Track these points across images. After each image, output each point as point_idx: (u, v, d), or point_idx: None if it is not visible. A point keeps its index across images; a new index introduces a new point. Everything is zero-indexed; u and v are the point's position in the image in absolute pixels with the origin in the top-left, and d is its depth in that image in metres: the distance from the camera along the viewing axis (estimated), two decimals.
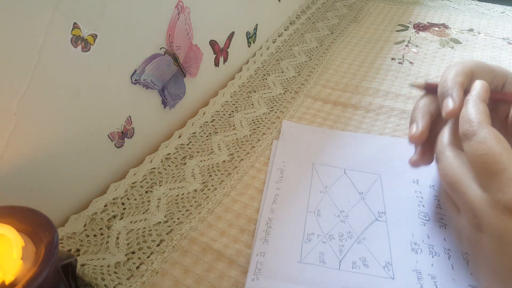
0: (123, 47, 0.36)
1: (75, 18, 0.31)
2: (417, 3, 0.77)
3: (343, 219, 0.35)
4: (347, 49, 0.63)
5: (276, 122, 0.48)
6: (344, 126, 0.47)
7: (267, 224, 0.35)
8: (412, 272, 0.31)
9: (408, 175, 0.39)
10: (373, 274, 0.31)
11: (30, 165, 0.31)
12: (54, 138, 0.33)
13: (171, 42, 0.42)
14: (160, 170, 0.42)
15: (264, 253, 0.33)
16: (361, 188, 0.38)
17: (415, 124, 0.32)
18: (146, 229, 0.35)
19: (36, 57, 0.28)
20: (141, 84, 0.40)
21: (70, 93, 0.33)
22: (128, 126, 0.41)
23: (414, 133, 0.31)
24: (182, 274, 0.32)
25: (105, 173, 0.40)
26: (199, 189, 0.40)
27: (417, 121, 0.32)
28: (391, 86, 0.53)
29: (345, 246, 0.33)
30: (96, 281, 0.31)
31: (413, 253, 0.32)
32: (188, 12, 0.43)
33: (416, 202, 0.37)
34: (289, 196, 0.38)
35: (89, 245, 0.34)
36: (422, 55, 0.60)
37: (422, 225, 0.34)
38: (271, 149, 0.44)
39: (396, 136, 0.45)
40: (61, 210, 0.36)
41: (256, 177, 0.41)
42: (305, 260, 0.32)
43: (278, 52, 0.63)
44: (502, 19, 0.69)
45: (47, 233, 0.24)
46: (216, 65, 0.53)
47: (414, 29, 0.67)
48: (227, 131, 0.47)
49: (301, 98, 0.52)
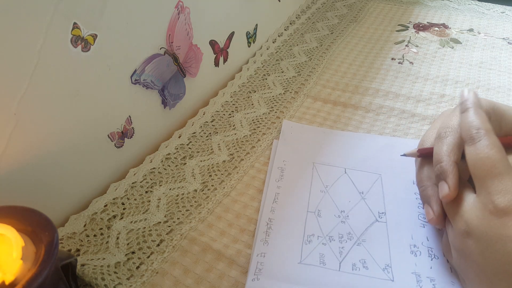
0: (123, 47, 0.36)
1: (75, 18, 0.31)
2: (417, 3, 0.77)
3: (343, 220, 0.35)
4: (347, 49, 0.63)
5: (276, 122, 0.48)
6: (344, 126, 0.47)
7: (267, 224, 0.35)
8: (411, 275, 0.31)
9: (408, 175, 0.39)
10: (372, 276, 0.31)
11: (30, 165, 0.31)
12: (54, 138, 0.33)
13: (171, 42, 0.42)
14: (160, 170, 0.42)
15: (264, 253, 0.33)
16: (361, 188, 0.38)
17: (430, 209, 0.31)
18: (146, 229, 0.35)
19: (36, 57, 0.28)
20: (141, 84, 0.40)
21: (70, 93, 0.33)
22: (128, 126, 0.41)
23: (432, 217, 0.30)
24: (182, 274, 0.32)
25: (105, 173, 0.40)
26: (199, 189, 0.40)
27: (430, 203, 0.31)
28: (391, 86, 0.53)
29: (345, 247, 0.33)
30: (96, 281, 0.31)
31: (412, 255, 0.32)
32: (188, 12, 0.43)
33: (415, 204, 0.37)
34: (289, 196, 0.38)
35: (89, 245, 0.34)
36: (422, 55, 0.60)
37: (422, 227, 0.34)
38: (271, 149, 0.44)
39: (396, 136, 0.45)
40: (61, 210, 0.36)
41: (256, 177, 0.41)
42: (305, 261, 0.32)
43: (278, 52, 0.63)
44: (502, 19, 0.69)
45: (47, 233, 0.24)
46: (216, 65, 0.53)
47: (414, 29, 0.67)
48: (227, 131, 0.47)
49: (301, 98, 0.52)
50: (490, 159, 0.26)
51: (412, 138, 0.45)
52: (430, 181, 0.32)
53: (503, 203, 0.24)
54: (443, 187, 0.29)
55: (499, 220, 0.24)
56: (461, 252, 0.27)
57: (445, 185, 0.29)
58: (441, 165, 0.29)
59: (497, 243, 0.24)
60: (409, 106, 0.50)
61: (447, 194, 0.28)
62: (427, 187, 0.32)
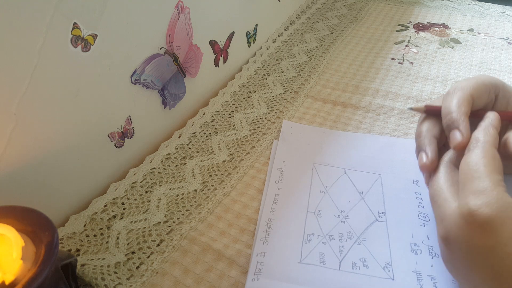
0: (123, 47, 0.36)
1: (75, 18, 0.31)
2: (417, 3, 0.77)
3: (343, 219, 0.35)
4: (347, 49, 0.63)
5: (276, 122, 0.48)
6: (344, 126, 0.47)
7: (267, 224, 0.35)
8: (412, 273, 0.31)
9: (408, 175, 0.39)
10: (373, 275, 0.31)
11: (30, 165, 0.31)
12: (54, 138, 0.33)
13: (171, 42, 0.42)
14: (160, 170, 0.42)
15: (264, 253, 0.33)
16: (361, 188, 0.38)
17: (424, 153, 0.32)
18: (146, 229, 0.35)
19: (36, 57, 0.28)
20: (141, 84, 0.40)
21: (70, 93, 0.33)
22: (128, 126, 0.41)
23: (425, 162, 0.31)
24: (182, 274, 0.32)
25: (105, 173, 0.40)
26: (199, 189, 0.40)
27: (425, 149, 0.32)
28: (391, 86, 0.53)
29: (345, 246, 0.33)
30: (96, 281, 0.31)
31: (413, 254, 0.32)
32: (188, 12, 0.43)
33: (416, 203, 0.37)
34: (289, 196, 0.38)
35: (89, 245, 0.34)
36: (422, 55, 0.60)
37: (422, 226, 0.34)
38: (271, 149, 0.44)
39: (396, 136, 0.45)
40: (61, 210, 0.36)
41: (256, 177, 0.41)
42: (305, 261, 0.32)
43: (278, 52, 0.63)
44: (502, 19, 0.69)
45: (47, 233, 0.24)
46: (216, 65, 0.53)
47: (414, 29, 0.67)
48: (227, 131, 0.47)
49: (301, 98, 0.52)
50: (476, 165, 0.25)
51: (412, 138, 0.45)
52: (429, 133, 0.32)
53: (475, 205, 0.23)
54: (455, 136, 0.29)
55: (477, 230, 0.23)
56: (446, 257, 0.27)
57: (457, 133, 0.29)
58: (452, 115, 0.30)
59: (478, 255, 0.23)
60: (410, 105, 0.49)
61: (459, 141, 0.28)
62: (425, 137, 0.32)
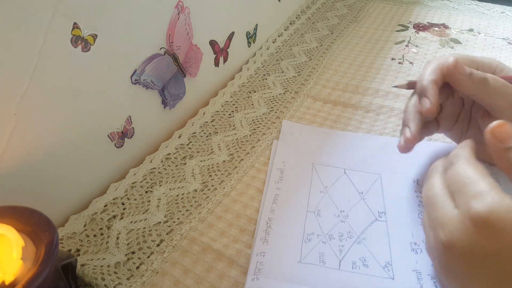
0: (123, 47, 0.36)
1: (75, 18, 0.31)
2: (417, 3, 0.77)
3: (343, 219, 0.35)
4: (347, 49, 0.63)
5: (276, 122, 0.48)
6: (344, 126, 0.47)
7: (267, 224, 0.35)
8: (412, 272, 0.31)
9: (408, 175, 0.39)
10: (373, 274, 0.31)
11: (30, 165, 0.31)
12: (54, 138, 0.33)
13: (171, 42, 0.42)
14: (160, 170, 0.42)
15: (264, 253, 0.33)
16: (361, 188, 0.38)
17: (407, 128, 0.34)
18: (146, 229, 0.35)
19: (36, 57, 0.28)
20: (141, 84, 0.40)
21: (70, 93, 0.33)
22: (128, 126, 0.41)
23: (408, 136, 0.33)
24: (182, 274, 0.32)
25: (105, 173, 0.40)
26: (199, 189, 0.40)
27: (408, 124, 0.34)
28: (391, 86, 0.53)
29: (345, 246, 0.33)
30: (96, 281, 0.31)
31: (413, 253, 0.32)
32: (188, 12, 0.43)
33: (416, 202, 0.37)
34: (289, 196, 0.38)
35: (89, 245, 0.34)
36: (422, 55, 0.60)
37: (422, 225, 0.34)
38: (271, 149, 0.44)
39: (396, 136, 0.45)
40: (61, 210, 0.36)
41: (256, 177, 0.41)
42: (305, 260, 0.32)
43: (278, 52, 0.63)
44: (502, 19, 0.69)
45: (47, 233, 0.24)
46: (216, 65, 0.53)
47: (414, 29, 0.67)
48: (227, 131, 0.47)
49: (301, 98, 0.52)
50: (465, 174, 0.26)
51: None
52: (414, 108, 0.34)
53: (478, 208, 0.23)
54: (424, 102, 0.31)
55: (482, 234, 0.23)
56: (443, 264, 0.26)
57: (426, 100, 0.31)
58: (422, 83, 0.32)
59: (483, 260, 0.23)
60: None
61: (428, 108, 0.31)
62: (410, 112, 0.35)
